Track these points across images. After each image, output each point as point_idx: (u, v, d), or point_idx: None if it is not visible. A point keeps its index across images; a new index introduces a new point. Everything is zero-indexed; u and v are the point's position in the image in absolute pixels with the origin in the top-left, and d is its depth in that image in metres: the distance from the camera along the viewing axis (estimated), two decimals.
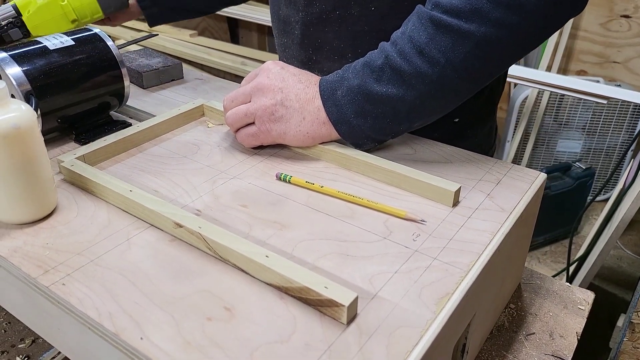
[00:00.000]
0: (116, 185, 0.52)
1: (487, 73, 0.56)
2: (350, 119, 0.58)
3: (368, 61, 0.57)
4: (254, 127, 0.60)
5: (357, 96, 0.57)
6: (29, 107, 0.48)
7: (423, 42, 0.53)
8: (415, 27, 0.55)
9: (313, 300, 0.40)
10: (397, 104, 0.56)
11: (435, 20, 0.53)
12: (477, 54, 0.52)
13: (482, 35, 0.51)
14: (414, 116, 0.58)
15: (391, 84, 0.55)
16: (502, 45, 0.53)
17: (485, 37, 0.51)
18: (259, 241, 0.48)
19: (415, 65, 0.54)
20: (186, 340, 0.38)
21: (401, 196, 0.55)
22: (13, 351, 0.57)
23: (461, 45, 0.52)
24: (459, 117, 0.73)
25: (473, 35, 0.51)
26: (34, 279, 0.43)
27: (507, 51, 0.54)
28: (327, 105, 0.58)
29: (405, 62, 0.54)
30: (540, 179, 0.57)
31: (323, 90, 0.59)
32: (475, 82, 0.57)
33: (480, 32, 0.51)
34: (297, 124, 0.59)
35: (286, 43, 0.76)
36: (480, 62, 0.53)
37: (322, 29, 0.69)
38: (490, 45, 0.52)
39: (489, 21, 0.51)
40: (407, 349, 0.38)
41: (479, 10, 0.51)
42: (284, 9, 0.73)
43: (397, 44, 0.55)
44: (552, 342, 0.57)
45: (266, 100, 0.59)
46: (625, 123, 2.03)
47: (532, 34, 0.53)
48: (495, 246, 0.48)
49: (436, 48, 0.53)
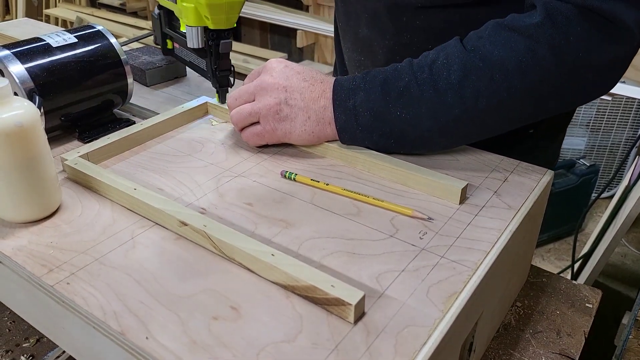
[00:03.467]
0: (120, 184, 0.51)
1: (506, 127, 0.57)
2: (356, 131, 0.57)
3: (389, 79, 0.56)
4: (259, 127, 0.60)
5: (368, 112, 0.56)
6: (32, 104, 0.48)
7: (454, 79, 0.53)
8: (448, 61, 0.54)
9: (320, 299, 0.40)
10: (407, 129, 0.55)
11: (468, 65, 0.53)
12: (502, 106, 0.53)
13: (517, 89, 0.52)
14: (419, 145, 0.58)
15: (406, 109, 0.55)
16: (515, 105, 0.54)
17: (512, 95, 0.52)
18: (265, 239, 0.47)
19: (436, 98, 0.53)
20: (192, 340, 0.38)
21: (407, 194, 0.54)
22: (17, 350, 0.57)
23: (488, 95, 0.53)
24: (533, 128, 0.71)
25: (502, 91, 0.52)
26: (38, 278, 0.43)
27: (521, 110, 0.55)
28: (337, 112, 0.57)
29: (427, 92, 0.54)
30: (547, 177, 0.57)
31: (336, 94, 0.57)
32: (493, 131, 0.57)
33: (511, 90, 0.52)
34: (302, 123, 0.58)
35: (363, 61, 0.75)
36: (501, 113, 0.54)
37: (409, 55, 0.68)
38: (513, 102, 0.53)
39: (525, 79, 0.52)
40: (416, 348, 0.37)
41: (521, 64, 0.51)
42: (365, 30, 0.71)
43: (424, 72, 0.54)
44: (560, 340, 0.57)
45: (270, 99, 0.58)
46: (629, 120, 2.02)
47: (546, 95, 0.54)
48: (503, 244, 0.47)
49: (468, 86, 0.53)
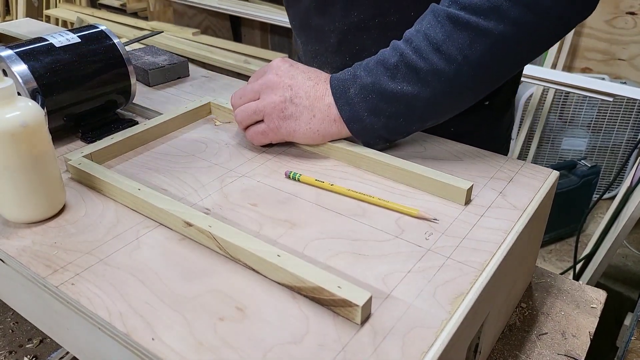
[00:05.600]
0: (124, 184, 0.51)
1: (503, 71, 0.56)
2: (363, 117, 0.57)
3: (381, 59, 0.56)
4: (263, 125, 0.59)
5: (371, 94, 0.56)
6: (36, 104, 0.48)
7: (440, 39, 0.53)
8: (430, 24, 0.54)
9: (326, 300, 0.40)
10: (412, 102, 0.55)
11: (452, 18, 0.52)
12: (494, 52, 0.52)
13: (500, 33, 0.51)
14: (427, 115, 0.57)
15: (406, 82, 0.55)
16: (518, 44, 0.52)
17: (503, 35, 0.51)
18: (270, 240, 0.47)
19: (432, 63, 0.53)
20: (198, 341, 0.37)
21: (412, 194, 0.54)
22: (21, 351, 0.57)
23: (479, 42, 0.52)
24: (489, 100, 0.72)
25: (491, 33, 0.51)
26: (43, 278, 0.43)
27: (522, 50, 0.54)
28: (339, 104, 0.57)
29: (421, 59, 0.54)
30: (552, 177, 0.57)
31: (334, 88, 0.58)
32: (490, 81, 0.56)
33: (498, 29, 0.51)
34: (307, 122, 0.58)
35: (318, 50, 0.75)
36: (497, 60, 0.53)
37: (360, 36, 0.67)
38: (506, 44, 0.52)
39: (507, 19, 0.51)
40: (423, 349, 0.37)
41: (497, 8, 0.50)
42: (316, 18, 0.72)
43: (412, 42, 0.55)
44: (565, 341, 0.56)
45: (275, 97, 0.58)
46: (630, 120, 2.02)
47: (547, 34, 0.53)
48: (509, 245, 0.47)
49: (453, 45, 0.52)
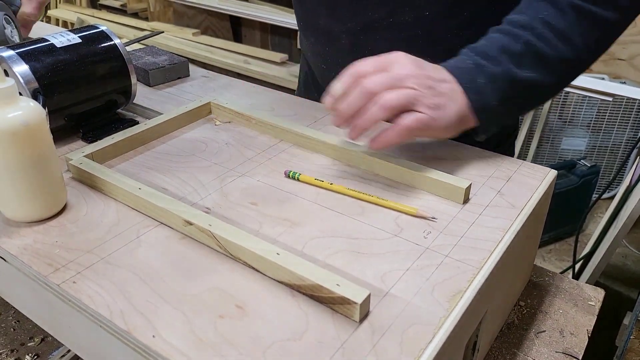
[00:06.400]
0: (125, 183, 0.52)
1: (601, 56, 0.61)
2: (493, 106, 0.56)
3: (504, 46, 0.56)
4: (418, 115, 0.53)
5: (502, 83, 0.56)
6: (37, 104, 0.48)
7: (564, 27, 0.56)
8: (550, 13, 0.56)
9: (325, 297, 0.40)
10: (537, 88, 0.58)
11: (576, 7, 0.56)
12: (606, 39, 0.58)
13: (614, 21, 0.57)
14: (544, 99, 0.62)
15: (532, 69, 0.56)
16: (622, 30, 0.58)
17: (615, 23, 0.57)
18: (270, 239, 0.48)
19: (558, 50, 0.56)
20: (198, 338, 0.38)
21: (411, 193, 0.55)
22: (22, 349, 0.57)
23: (596, 30, 0.57)
24: None
25: (607, 21, 0.56)
26: (44, 277, 0.43)
27: (617, 35, 0.59)
28: (469, 94, 0.55)
29: (548, 46, 0.56)
30: (550, 176, 0.57)
31: (460, 78, 0.56)
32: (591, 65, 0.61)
33: (613, 18, 0.56)
34: (451, 112, 0.54)
35: (329, 52, 0.74)
36: (605, 47, 0.59)
37: (373, 36, 0.65)
38: (615, 31, 0.58)
39: (620, 8, 0.56)
40: (421, 346, 0.37)
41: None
42: (324, 19, 0.71)
43: (534, 29, 0.56)
44: (563, 339, 0.57)
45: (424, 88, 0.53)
46: (630, 120, 2.02)
47: (631, 21, 0.59)
48: (507, 243, 0.47)
49: (577, 33, 0.56)
